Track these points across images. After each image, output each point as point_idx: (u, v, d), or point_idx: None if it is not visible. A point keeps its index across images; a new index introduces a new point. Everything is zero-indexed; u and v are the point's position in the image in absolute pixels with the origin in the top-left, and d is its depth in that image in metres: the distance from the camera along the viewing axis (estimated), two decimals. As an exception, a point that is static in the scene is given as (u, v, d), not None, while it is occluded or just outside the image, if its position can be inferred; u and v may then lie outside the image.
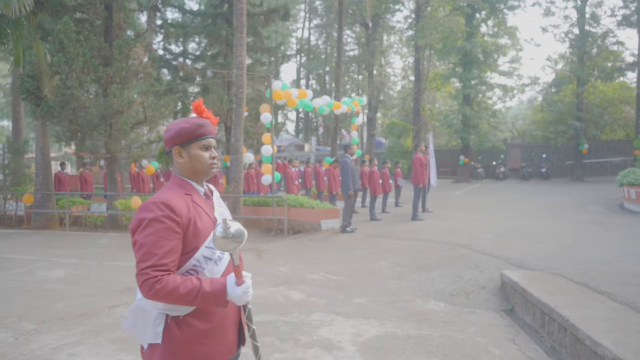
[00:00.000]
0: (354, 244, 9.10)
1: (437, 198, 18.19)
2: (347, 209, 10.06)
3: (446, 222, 11.22)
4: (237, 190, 11.17)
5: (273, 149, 10.81)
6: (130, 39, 11.47)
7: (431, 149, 12.97)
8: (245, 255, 9.07)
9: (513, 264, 6.59)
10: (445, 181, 29.71)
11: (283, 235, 10.47)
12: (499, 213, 12.78)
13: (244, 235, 1.88)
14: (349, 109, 15.59)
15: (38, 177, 13.00)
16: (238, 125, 11.23)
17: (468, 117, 27.89)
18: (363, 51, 33.88)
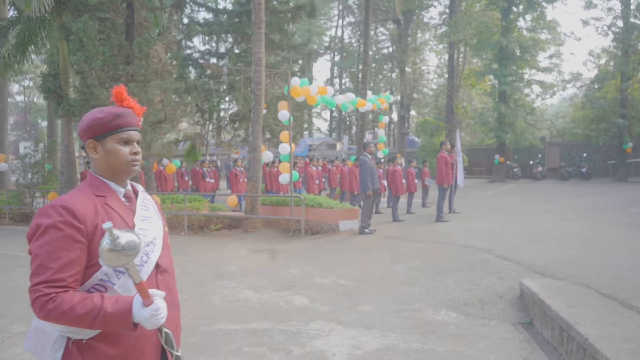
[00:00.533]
0: (370, 246, 8.71)
1: (467, 198, 17.55)
2: (366, 210, 9.68)
3: (472, 224, 10.68)
4: (255, 190, 10.94)
5: (291, 148, 10.53)
6: (150, 38, 11.42)
7: (458, 147, 12.41)
8: (259, 256, 8.85)
9: (536, 271, 6.08)
10: (480, 181, 28.83)
11: (300, 236, 10.18)
12: (531, 214, 12.11)
13: (137, 247, 1.56)
14: (374, 106, 15.17)
15: (63, 175, 13.16)
16: (256, 122, 10.99)
17: (504, 115, 26.90)
18: (395, 48, 33.24)
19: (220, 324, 5.02)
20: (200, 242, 10.21)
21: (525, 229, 9.61)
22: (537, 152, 29.70)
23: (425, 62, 45.08)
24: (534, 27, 28.84)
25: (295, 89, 10.54)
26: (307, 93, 10.86)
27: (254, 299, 5.94)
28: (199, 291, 6.28)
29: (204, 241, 10.35)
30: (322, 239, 9.75)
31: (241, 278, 6.95)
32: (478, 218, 11.74)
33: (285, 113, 10.47)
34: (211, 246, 9.69)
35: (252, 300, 5.87)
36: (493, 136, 28.86)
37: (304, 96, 11.00)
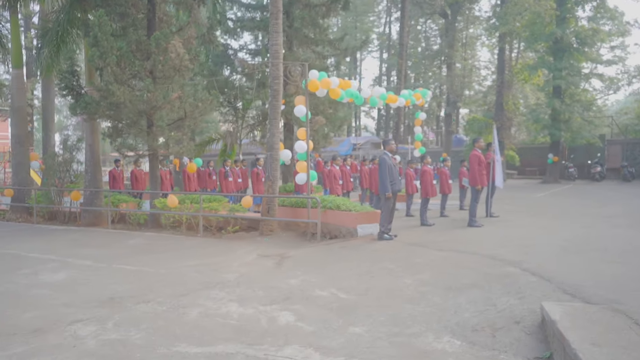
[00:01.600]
0: (386, 254, 7.88)
1: (512, 200, 16.26)
2: (385, 213, 8.83)
3: (508, 230, 9.61)
4: (272, 190, 10.32)
5: (308, 145, 9.82)
6: (168, 32, 11.02)
7: (495, 145, 11.28)
8: (265, 262, 8.21)
9: (566, 291, 5.09)
10: (532, 182, 27.10)
11: (316, 240, 9.47)
12: (579, 220, 10.86)
13: None
14: (407, 102, 14.21)
15: (87, 174, 13.05)
16: (274, 119, 10.37)
17: (558, 111, 25.09)
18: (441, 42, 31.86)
19: (182, 346, 4.39)
20: (212, 245, 9.70)
21: (567, 237, 8.47)
22: (595, 150, 27.57)
23: (477, 58, 43.17)
24: (594, 16, 26.73)
25: (313, 83, 9.83)
26: (328, 86, 10.12)
27: (235, 314, 5.28)
28: (179, 302, 5.70)
29: (217, 244, 9.83)
30: (337, 245, 8.99)
31: (233, 288, 6.32)
32: (517, 223, 10.61)
33: (302, 109, 9.78)
34: (221, 250, 9.15)
35: (232, 316, 5.21)
36: (546, 134, 27.03)
37: (325, 90, 10.27)
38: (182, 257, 8.50)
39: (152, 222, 12.10)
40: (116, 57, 10.53)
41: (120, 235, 11.18)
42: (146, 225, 12.26)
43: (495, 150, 11.28)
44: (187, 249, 9.35)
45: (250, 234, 10.77)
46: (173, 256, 8.65)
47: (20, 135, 14.33)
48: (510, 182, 27.35)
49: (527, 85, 32.56)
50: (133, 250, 9.30)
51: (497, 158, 11.27)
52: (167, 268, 7.59)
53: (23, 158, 14.42)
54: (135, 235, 11.10)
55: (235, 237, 10.53)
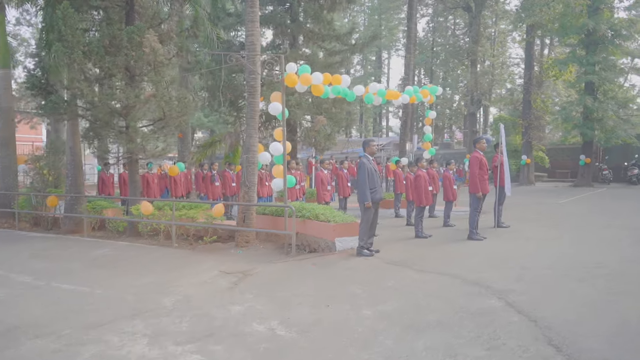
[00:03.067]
0: (357, 274, 6.74)
1: (533, 205, 14.80)
2: (364, 226, 7.68)
3: (510, 245, 8.32)
4: (248, 197, 9.30)
5: (285, 147, 8.75)
6: (142, 25, 10.17)
7: (503, 146, 9.92)
8: (222, 282, 7.16)
9: (550, 342, 3.86)
10: (562, 185, 25.28)
11: (291, 254, 8.40)
12: (599, 232, 9.44)
13: None
14: (412, 99, 12.97)
15: (68, 178, 12.35)
16: (251, 118, 9.35)
17: (590, 109, 23.17)
18: (464, 38, 30.27)
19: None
20: (179, 258, 8.77)
21: (579, 257, 7.14)
22: (632, 151, 25.49)
23: (507, 54, 41.19)
24: (631, 5, 24.69)
25: (291, 77, 8.76)
26: (308, 82, 9.03)
27: (134, 357, 4.28)
28: (82, 337, 4.74)
29: (185, 257, 8.90)
30: (310, 260, 7.90)
31: (160, 318, 5.33)
32: (525, 236, 9.27)
33: (276, 106, 8.71)
34: (184, 264, 8.20)
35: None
36: (578, 133, 25.16)
37: (306, 86, 9.19)
38: (136, 274, 7.60)
39: (131, 230, 11.27)
40: (83, 53, 9.71)
41: (91, 245, 10.39)
42: (125, 233, 11.45)
43: (503, 152, 9.93)
44: (149, 263, 8.46)
45: (227, 245, 9.79)
46: (127, 272, 7.76)
47: (6, 137, 13.78)
48: (539, 185, 25.61)
49: (559, 83, 30.61)
50: (91, 264, 8.46)
51: (507, 161, 9.93)
52: (107, 288, 6.68)
53: (10, 162, 13.86)
54: (106, 245, 10.29)
55: (209, 249, 9.57)
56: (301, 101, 14.75)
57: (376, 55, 55.25)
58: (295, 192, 11.27)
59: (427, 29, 49.61)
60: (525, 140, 26.24)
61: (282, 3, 16.86)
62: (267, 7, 16.66)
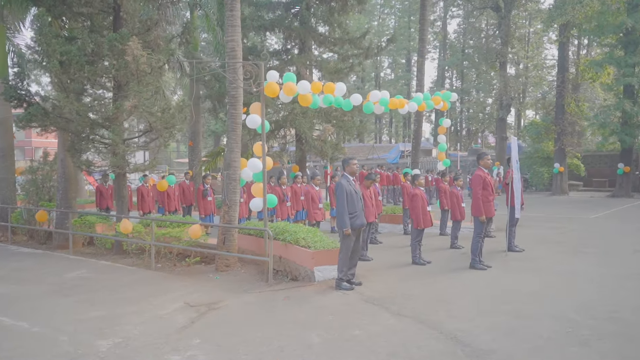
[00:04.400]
0: (325, 316, 5.83)
1: (558, 221, 13.49)
2: (343, 256, 6.76)
3: (516, 279, 7.24)
4: (228, 218, 8.52)
5: (264, 163, 7.92)
6: (124, 32, 9.58)
7: (513, 161, 8.79)
8: (180, 317, 6.37)
9: None
10: (598, 195, 23.57)
11: (270, 283, 7.57)
12: (625, 261, 8.27)
13: None
14: (421, 106, 11.94)
15: (59, 191, 11.89)
16: (232, 131, 8.58)
17: (629, 114, 21.50)
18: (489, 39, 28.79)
19: None
20: (151, 284, 8.08)
21: (591, 301, 6.04)
22: (677, 160, 23.59)
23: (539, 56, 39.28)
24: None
25: (271, 86, 7.94)
26: (292, 91, 8.18)
27: None
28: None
29: (159, 281, 8.22)
30: (287, 292, 7.04)
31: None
32: (538, 265, 8.15)
33: (255, 119, 7.90)
34: (151, 291, 7.51)
35: None
36: (616, 140, 23.43)
37: (291, 96, 8.35)
38: (93, 303, 6.93)
39: (118, 247, 10.70)
40: (60, 63, 9.18)
41: (71, 264, 9.84)
42: (113, 251, 10.90)
43: (514, 168, 8.81)
44: (117, 289, 7.79)
45: (209, 268, 9.05)
46: (86, 300, 7.11)
47: (4, 148, 13.49)
48: (572, 196, 23.97)
49: (597, 86, 28.76)
50: (55, 289, 7.87)
51: (517, 177, 8.81)
52: (48, 323, 6.02)
53: (7, 173, 13.56)
54: (86, 265, 9.73)
55: (188, 272, 8.86)
56: (307, 109, 13.92)
57: (406, 59, 53.96)
58: (286, 210, 10.44)
59: (458, 30, 48.14)
60: (558, 147, 24.63)
61: (291, 7, 16.10)
62: (276, 12, 15.93)
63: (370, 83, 54.30)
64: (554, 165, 24.69)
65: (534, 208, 18.28)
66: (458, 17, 45.97)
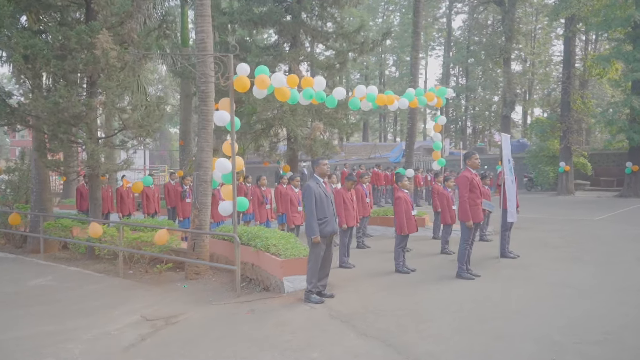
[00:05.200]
0: (284, 335, 5.23)
1: (559, 223, 12.77)
2: (312, 265, 6.15)
3: (503, 290, 6.60)
4: (198, 222, 7.94)
5: (234, 164, 7.33)
6: (94, 25, 9.02)
7: (505, 161, 8.13)
8: (130, 333, 5.75)
9: None
10: (606, 195, 22.76)
11: (237, 293, 6.98)
12: (627, 269, 7.60)
13: None
14: (413, 103, 11.31)
15: (33, 193, 11.38)
16: (203, 129, 8.01)
17: (638, 111, 20.67)
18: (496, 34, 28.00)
19: None
20: (114, 293, 7.54)
21: (583, 318, 5.39)
22: (687, 158, 22.65)
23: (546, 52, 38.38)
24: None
25: (241, 80, 7.34)
26: (264, 85, 7.58)
27: None
28: None
29: (122, 290, 7.68)
30: (253, 304, 6.46)
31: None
32: (531, 274, 7.50)
33: (223, 115, 7.30)
34: (109, 302, 6.97)
35: None
36: (624, 138, 22.60)
37: (264, 90, 7.75)
38: (44, 317, 6.40)
39: (90, 252, 10.18)
40: (24, 57, 8.65)
41: (38, 270, 9.32)
42: (87, 255, 10.38)
43: (507, 169, 8.15)
44: (75, 299, 7.27)
45: (179, 275, 8.50)
46: (39, 313, 6.58)
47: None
48: (579, 195, 23.17)
49: (605, 82, 27.89)
50: (11, 299, 7.39)
51: (510, 178, 8.15)
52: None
53: (-14, 173, 13.11)
54: (54, 271, 9.21)
55: (157, 280, 8.31)
56: (296, 107, 13.31)
57: (410, 56, 53.10)
58: (265, 213, 9.84)
59: (463, 26, 47.22)
60: (563, 146, 23.83)
61: (282, 0, 15.50)
62: (266, 5, 15.31)
63: (375, 81, 53.53)
64: (559, 164, 23.89)
65: (537, 209, 17.56)
66: (463, 13, 45.12)
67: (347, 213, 8.21)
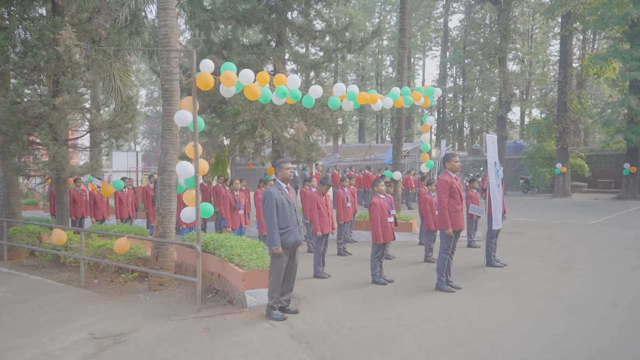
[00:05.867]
0: (234, 358, 4.71)
1: (554, 228, 12.28)
2: (274, 278, 5.63)
3: (483, 305, 6.08)
4: (162, 229, 7.42)
5: (197, 167, 6.80)
6: (57, 21, 8.52)
7: (491, 164, 7.60)
8: (73, 354, 5.34)
9: None
10: (603, 197, 22.24)
11: (198, 306, 6.46)
12: (619, 279, 7.09)
13: None
14: (398, 102, 10.79)
15: (0, 197, 10.86)
16: (167, 130, 7.49)
17: (636, 111, 20.16)
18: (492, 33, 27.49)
19: None
20: (70, 306, 7.04)
21: (565, 338, 4.87)
22: (687, 159, 22.13)
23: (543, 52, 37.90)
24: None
25: (204, 77, 6.82)
26: (231, 82, 7.05)
27: None
28: None
29: (80, 302, 7.18)
30: (212, 320, 5.94)
31: None
32: (516, 285, 6.98)
33: (184, 115, 6.77)
34: (61, 317, 6.46)
35: None
36: (621, 139, 22.09)
37: (231, 88, 7.22)
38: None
39: (56, 260, 9.66)
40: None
41: None
42: (53, 263, 9.88)
43: (492, 171, 7.62)
44: (25, 314, 6.75)
45: (144, 285, 7.97)
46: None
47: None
48: (576, 198, 22.64)
49: (603, 82, 27.36)
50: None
51: (495, 182, 7.62)
52: None
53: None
54: (12, 282, 8.72)
55: (119, 290, 7.79)
56: (279, 108, 12.80)
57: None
58: (237, 219, 9.31)
59: (460, 26, 46.72)
60: (560, 147, 23.31)
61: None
62: (250, 2, 14.79)
63: (371, 81, 53.07)
64: (556, 166, 23.37)
65: (532, 212, 17.04)
66: (459, 13, 44.64)
67: (321, 219, 7.69)
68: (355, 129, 53.77)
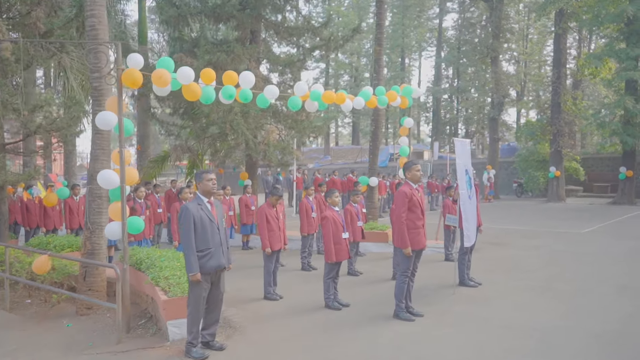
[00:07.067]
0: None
1: (542, 237, 11.37)
2: (192, 309, 4.77)
3: (443, 338, 5.23)
4: (90, 245, 6.56)
5: (123, 175, 5.96)
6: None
7: (461, 173, 6.73)
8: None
9: None
10: (599, 202, 21.40)
11: (118, 338, 5.59)
12: (606, 304, 6.23)
13: None
14: (370, 102, 9.93)
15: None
16: (97, 134, 6.64)
17: (632, 112, 19.29)
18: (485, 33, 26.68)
19: None
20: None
21: None
22: (685, 162, 21.32)
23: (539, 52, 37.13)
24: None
25: (131, 75, 5.96)
26: (165, 82, 6.19)
27: None
28: None
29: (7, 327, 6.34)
30: (128, 356, 5.08)
31: None
32: (491, 310, 6.12)
33: (108, 117, 5.92)
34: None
35: None
36: (617, 141, 21.26)
37: (165, 87, 6.37)
38: None
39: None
40: None
41: None
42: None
43: (462, 180, 6.75)
44: None
45: (74, 307, 7.11)
46: None
47: None
48: (570, 202, 21.79)
49: (599, 82, 26.52)
50: None
51: (466, 193, 6.75)
52: None
53: None
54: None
55: (45, 314, 6.94)
56: (249, 109, 11.94)
57: (401, 57, 51.78)
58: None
59: (454, 26, 45.89)
60: (554, 149, 22.45)
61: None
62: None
63: (366, 82, 52.27)
64: (549, 169, 22.51)
65: (522, 219, 16.18)
66: (453, 12, 43.82)
67: (271, 234, 6.82)
68: (349, 132, 53.03)
